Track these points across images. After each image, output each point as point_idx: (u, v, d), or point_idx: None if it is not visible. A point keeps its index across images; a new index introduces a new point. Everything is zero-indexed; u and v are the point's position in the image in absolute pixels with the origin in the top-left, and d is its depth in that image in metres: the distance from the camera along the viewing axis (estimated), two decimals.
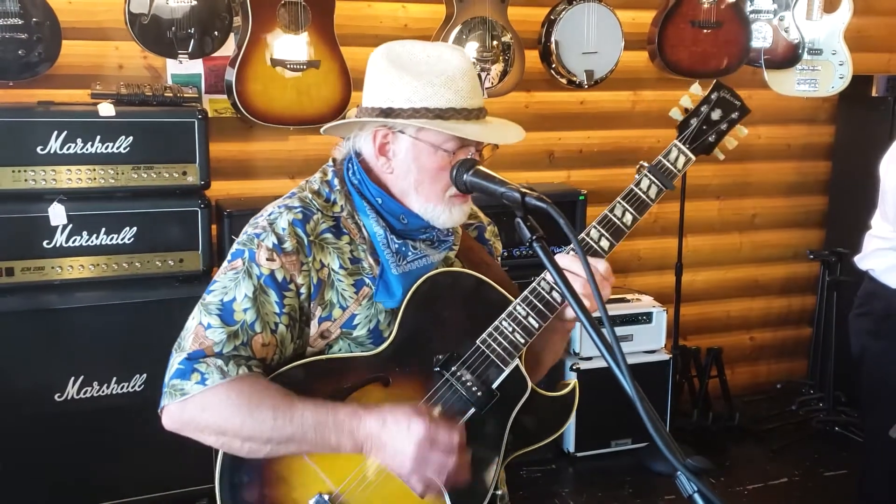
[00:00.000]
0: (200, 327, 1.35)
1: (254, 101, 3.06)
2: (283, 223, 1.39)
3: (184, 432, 1.36)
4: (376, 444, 1.32)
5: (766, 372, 4.43)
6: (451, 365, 1.40)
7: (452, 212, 1.43)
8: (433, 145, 1.39)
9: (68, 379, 2.93)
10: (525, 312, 1.41)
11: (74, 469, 2.93)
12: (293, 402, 1.32)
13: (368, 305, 1.41)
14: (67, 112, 2.89)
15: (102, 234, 2.95)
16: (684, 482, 1.02)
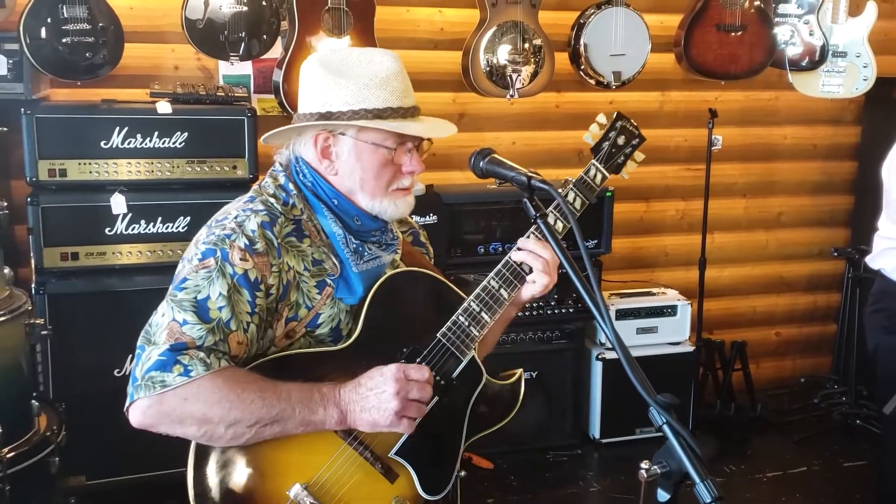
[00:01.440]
0: (175, 323, 1.35)
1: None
2: (252, 225, 1.42)
3: (157, 426, 1.35)
4: (359, 403, 1.38)
5: (791, 367, 4.52)
6: (414, 357, 1.49)
7: (398, 204, 1.53)
8: (374, 144, 1.47)
9: (126, 356, 3.16)
10: (478, 308, 1.54)
11: (129, 440, 3.06)
12: (277, 383, 1.37)
13: (332, 305, 1.48)
14: (128, 109, 3.14)
15: (159, 223, 3.18)
16: (655, 415, 1.17)
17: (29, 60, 3.00)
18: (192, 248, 1.47)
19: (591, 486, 3.57)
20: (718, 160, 3.89)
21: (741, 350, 4.04)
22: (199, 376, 1.31)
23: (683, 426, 1.17)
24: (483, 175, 1.55)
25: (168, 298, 1.40)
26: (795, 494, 3.53)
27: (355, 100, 1.45)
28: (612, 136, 1.73)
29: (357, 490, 1.42)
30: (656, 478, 1.18)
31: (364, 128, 1.47)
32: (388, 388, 1.39)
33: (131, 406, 1.35)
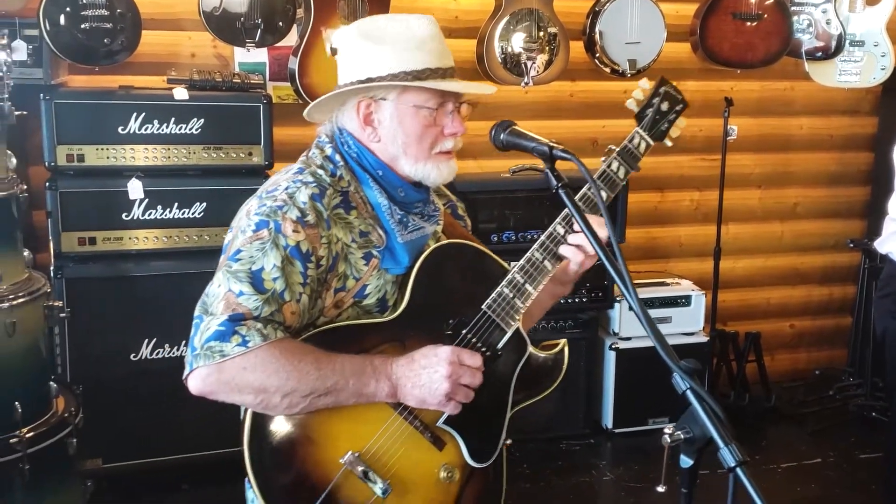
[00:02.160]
0: (231, 294, 1.37)
1: (315, 87, 3.29)
2: (303, 197, 1.44)
3: (216, 394, 1.37)
4: (411, 380, 1.42)
5: (805, 359, 4.51)
6: (460, 329, 1.51)
7: (441, 168, 1.54)
8: (415, 106, 1.49)
9: (142, 340, 3.19)
10: (522, 279, 1.55)
11: (145, 423, 3.18)
12: (331, 355, 1.40)
13: (378, 276, 1.50)
14: (145, 95, 3.16)
15: (175, 209, 3.20)
16: (678, 380, 1.17)
17: (48, 46, 3.03)
18: (242, 218, 1.48)
19: (604, 476, 3.57)
20: (734, 150, 3.88)
21: (755, 341, 4.03)
22: (256, 346, 1.33)
23: (707, 391, 1.16)
24: (504, 147, 1.55)
25: (223, 269, 1.42)
26: (811, 485, 3.51)
27: (394, 63, 1.47)
28: (655, 102, 1.70)
29: (406, 458, 1.46)
30: (679, 443, 1.18)
31: (404, 90, 1.49)
32: (441, 369, 1.42)
33: (191, 374, 1.37)
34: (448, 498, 1.50)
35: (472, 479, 1.51)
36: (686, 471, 1.21)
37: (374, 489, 1.41)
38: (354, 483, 1.41)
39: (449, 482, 1.49)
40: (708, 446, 1.16)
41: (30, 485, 2.55)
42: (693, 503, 1.24)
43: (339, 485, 1.40)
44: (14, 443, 2.50)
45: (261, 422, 1.39)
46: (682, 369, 1.17)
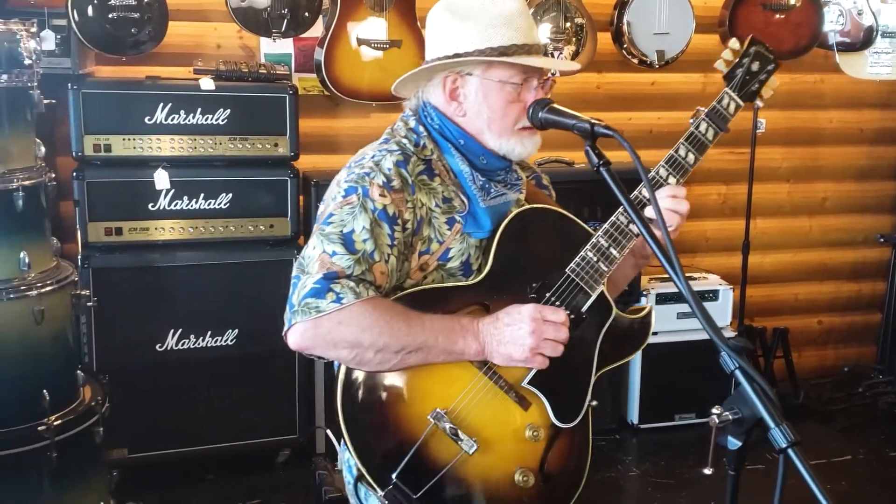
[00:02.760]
0: (325, 255, 1.44)
1: (341, 78, 3.28)
2: (388, 164, 1.52)
3: (313, 349, 1.44)
4: (497, 337, 1.46)
5: (833, 356, 4.44)
6: (544, 292, 1.54)
7: (524, 143, 1.57)
8: (501, 81, 1.53)
9: (168, 331, 3.20)
10: (607, 243, 1.56)
11: (170, 414, 3.19)
12: (421, 314, 1.46)
13: (461, 240, 1.56)
14: (172, 86, 3.17)
15: (201, 199, 3.20)
16: (727, 360, 1.15)
17: (76, 36, 3.04)
18: (333, 188, 1.55)
19: (630, 471, 3.54)
20: (762, 144, 3.83)
21: (783, 337, 3.98)
22: (350, 303, 1.40)
23: (756, 370, 1.13)
24: (542, 126, 1.54)
25: (317, 233, 1.48)
26: (841, 482, 3.46)
27: (481, 39, 1.51)
28: (745, 62, 1.67)
29: (492, 417, 1.49)
30: (727, 424, 1.15)
31: (490, 66, 1.53)
32: (525, 325, 1.46)
33: (290, 330, 1.44)
34: (534, 456, 1.52)
35: (558, 439, 1.54)
36: (734, 453, 1.18)
37: (462, 445, 1.45)
38: (442, 440, 1.45)
39: (535, 441, 1.52)
40: (757, 427, 1.13)
41: (56, 473, 2.55)
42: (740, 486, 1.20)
43: (427, 441, 1.44)
44: (42, 430, 2.50)
45: (352, 381, 1.45)
46: (731, 348, 1.15)
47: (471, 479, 1.47)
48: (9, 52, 2.50)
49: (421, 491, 1.43)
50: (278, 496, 3.26)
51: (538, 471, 1.51)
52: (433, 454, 1.45)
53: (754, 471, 3.56)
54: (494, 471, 1.49)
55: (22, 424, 2.50)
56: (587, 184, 3.71)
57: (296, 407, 3.37)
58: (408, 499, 1.41)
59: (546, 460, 1.53)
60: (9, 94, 2.51)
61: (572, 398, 1.56)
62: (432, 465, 1.44)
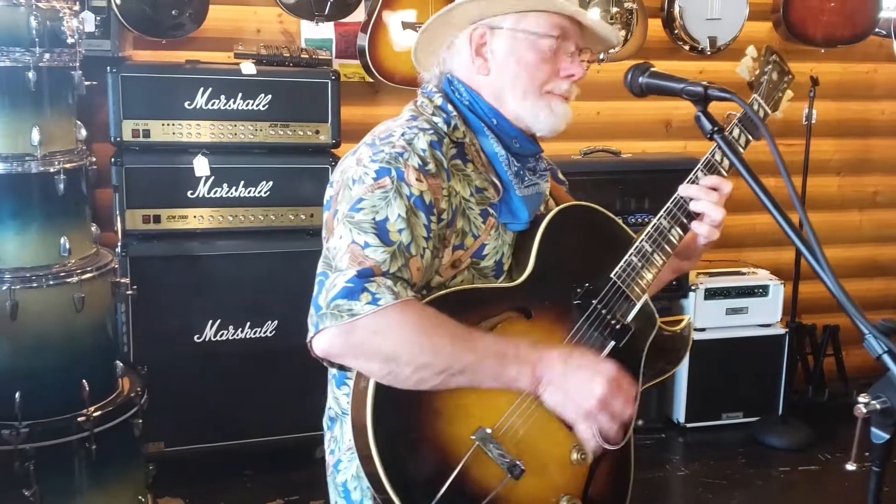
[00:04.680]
0: (356, 246, 1.24)
1: (384, 64, 3.20)
2: (422, 144, 1.33)
3: (341, 358, 1.24)
4: (557, 380, 1.27)
5: None
6: (589, 298, 1.41)
7: (553, 107, 1.41)
8: (535, 34, 1.38)
9: (207, 321, 3.12)
10: (651, 249, 1.45)
11: (207, 407, 3.11)
12: (471, 331, 1.26)
13: (496, 236, 1.41)
14: (213, 70, 3.09)
15: (241, 187, 3.13)
16: (873, 343, 1.05)
17: (117, 17, 2.97)
18: (352, 167, 1.35)
19: (679, 471, 3.43)
20: (812, 135, 3.71)
21: (833, 335, 3.86)
22: (387, 305, 1.20)
23: None
24: (642, 92, 1.42)
25: (344, 220, 1.28)
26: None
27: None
28: (767, 70, 1.61)
29: (537, 436, 1.33)
30: (873, 414, 1.04)
31: (524, 16, 1.38)
32: (598, 387, 1.27)
33: (316, 336, 1.23)
34: (578, 480, 1.38)
35: (603, 460, 1.39)
36: (880, 446, 1.07)
37: (508, 470, 1.27)
38: (485, 463, 1.27)
39: (581, 464, 1.37)
40: None
41: (95, 466, 2.49)
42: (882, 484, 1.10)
43: (470, 464, 1.26)
44: (82, 421, 2.43)
45: (385, 395, 1.25)
46: (879, 330, 1.04)
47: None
48: (52, 30, 2.43)
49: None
50: (316, 492, 3.17)
51: (582, 497, 1.37)
52: (475, 479, 1.26)
53: (807, 472, 3.50)
54: (538, 498, 1.33)
55: (61, 415, 2.43)
56: (634, 174, 3.66)
57: None
58: None
59: (590, 486, 1.39)
60: (51, 73, 2.45)
61: None
62: (474, 491, 1.26)
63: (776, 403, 3.63)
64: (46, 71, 2.43)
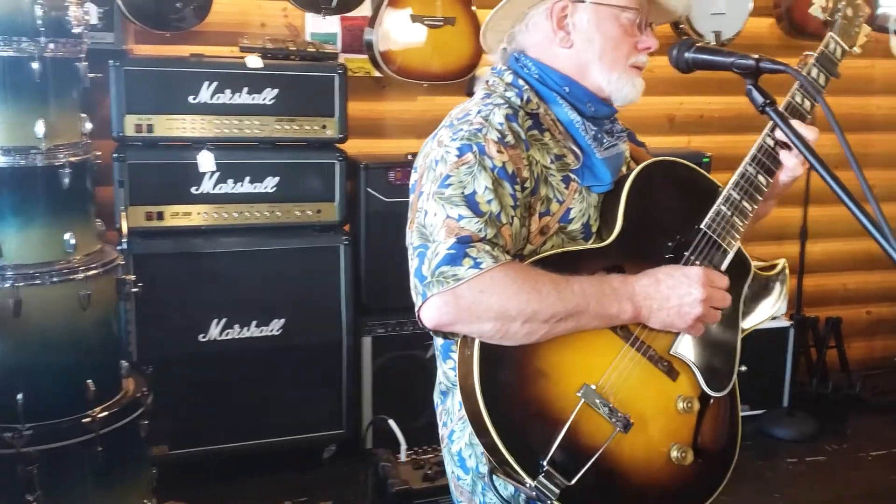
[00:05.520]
0: (450, 220, 1.29)
1: (393, 57, 3.16)
2: (498, 118, 1.38)
3: (453, 324, 1.27)
4: (658, 301, 1.33)
5: (882, 347, 4.35)
6: (681, 251, 1.42)
7: (635, 83, 1.46)
8: (619, 7, 1.42)
9: (212, 320, 3.06)
10: (739, 196, 1.45)
11: (212, 408, 3.05)
12: (567, 277, 1.30)
13: (580, 199, 1.44)
14: (218, 63, 3.04)
15: (247, 183, 3.07)
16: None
17: (120, 9, 2.91)
18: (434, 149, 1.39)
19: None
20: None
21: (836, 327, 3.88)
22: (490, 268, 1.24)
23: None
24: (689, 68, 1.42)
25: (434, 198, 1.33)
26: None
27: None
28: (842, 7, 1.59)
29: (641, 390, 1.36)
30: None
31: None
32: (695, 292, 1.34)
33: (424, 305, 1.27)
34: (687, 429, 1.39)
35: (709, 409, 1.41)
36: None
37: (616, 423, 1.31)
38: (592, 418, 1.31)
39: (687, 413, 1.38)
40: None
41: (101, 468, 2.41)
42: None
43: (577, 421, 1.29)
44: (87, 423, 2.36)
45: (490, 359, 1.29)
46: None
47: (625, 461, 1.33)
48: (56, 20, 2.36)
49: (575, 477, 1.27)
50: (324, 493, 3.12)
51: (693, 445, 1.38)
52: (584, 435, 1.30)
53: (814, 462, 3.51)
54: (649, 449, 1.35)
55: (66, 416, 2.36)
56: None
57: (342, 400, 3.23)
58: (560, 486, 1.26)
59: (700, 434, 1.39)
60: (55, 64, 2.37)
61: (722, 364, 1.43)
62: (584, 447, 1.29)
63: (782, 396, 3.64)
64: (51, 61, 2.35)
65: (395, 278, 3.26)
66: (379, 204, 3.21)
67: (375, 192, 3.20)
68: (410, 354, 3.29)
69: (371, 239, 3.24)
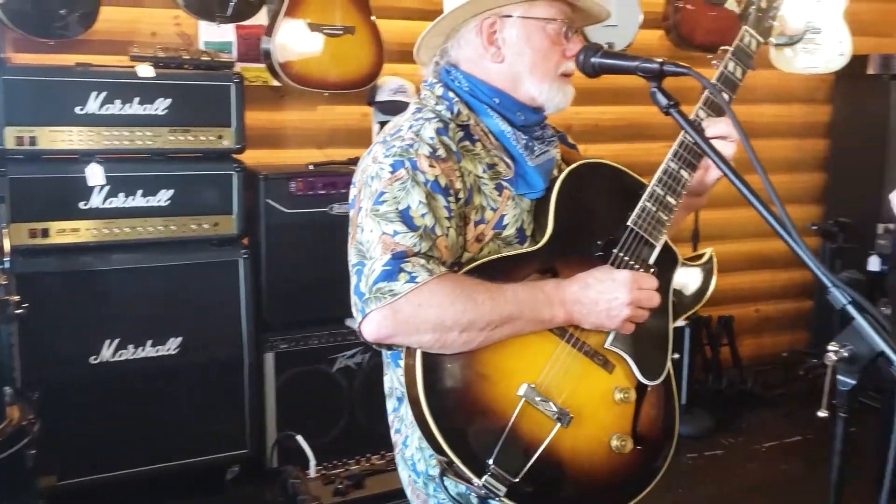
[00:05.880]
0: (386, 236, 1.34)
1: (292, 66, 3.11)
2: (429, 132, 1.42)
3: (393, 337, 1.32)
4: (588, 306, 1.38)
5: (770, 344, 4.56)
6: (610, 248, 1.47)
7: (566, 91, 1.51)
8: (544, 19, 1.47)
9: (103, 342, 2.92)
10: (663, 192, 1.50)
11: (105, 434, 2.90)
12: (501, 285, 1.35)
13: (514, 206, 1.48)
14: (106, 73, 2.90)
15: (139, 196, 2.95)
16: (837, 296, 1.08)
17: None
18: (370, 166, 1.43)
19: None
20: None
21: (728, 325, 4.05)
22: (425, 281, 1.30)
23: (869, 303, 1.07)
24: (596, 73, 1.45)
25: (370, 215, 1.38)
26: (795, 462, 3.55)
27: None
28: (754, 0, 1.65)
29: (579, 384, 1.41)
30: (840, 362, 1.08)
31: (532, 5, 1.47)
32: (622, 296, 1.39)
33: (364, 320, 1.32)
34: (626, 419, 1.45)
35: (647, 398, 1.48)
36: (847, 393, 1.11)
37: (555, 418, 1.37)
38: (534, 415, 1.36)
39: (625, 403, 1.45)
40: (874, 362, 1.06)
41: None
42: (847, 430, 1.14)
43: (520, 419, 1.35)
44: None
45: (432, 367, 1.34)
46: (843, 281, 1.09)
47: (568, 454, 1.38)
48: None
49: (521, 474, 1.32)
50: None
51: (632, 434, 1.44)
52: (527, 433, 1.35)
53: (712, 456, 3.64)
54: (590, 441, 1.41)
55: None
56: None
57: (245, 419, 3.14)
58: (506, 483, 1.31)
59: (638, 422, 1.46)
60: None
61: (654, 354, 1.50)
62: (527, 444, 1.35)
63: (680, 393, 3.76)
64: None
65: (297, 292, 3.28)
66: (280, 216, 3.14)
67: (276, 204, 3.13)
68: (315, 369, 3.23)
69: (272, 252, 3.16)
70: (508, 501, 1.32)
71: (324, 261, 3.24)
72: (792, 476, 3.43)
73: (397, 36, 3.44)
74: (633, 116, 4.01)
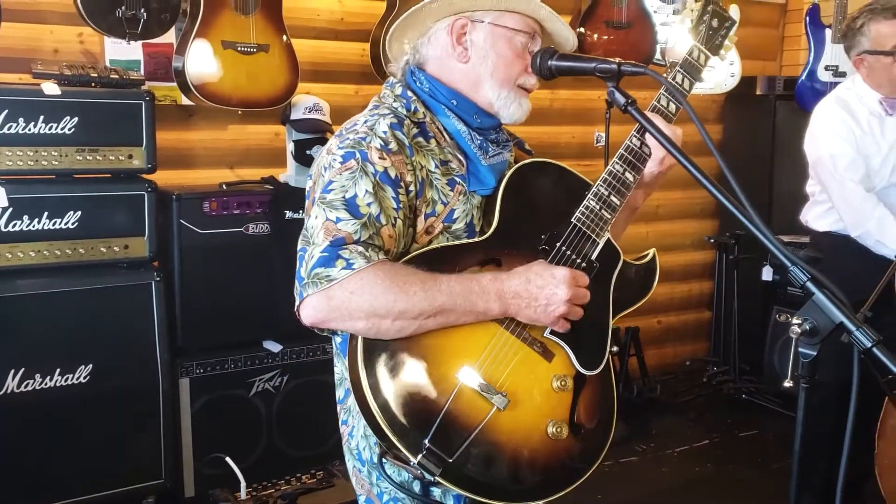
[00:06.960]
0: (329, 222, 1.39)
1: (205, 84, 3.06)
2: (382, 127, 1.48)
3: (328, 322, 1.37)
4: (526, 299, 1.42)
5: (672, 353, 4.77)
6: (553, 243, 1.53)
7: (521, 103, 1.59)
8: (513, 30, 1.55)
9: (8, 372, 2.77)
10: (607, 192, 1.58)
11: (15, 467, 2.75)
12: (437, 276, 1.39)
13: (464, 201, 1.54)
14: (9, 90, 2.77)
15: (45, 219, 2.83)
16: (798, 273, 1.16)
17: None
18: (324, 157, 1.50)
19: None
20: (601, 157, 4.06)
21: (635, 336, 4.20)
22: (361, 268, 1.34)
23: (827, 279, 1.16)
24: (552, 75, 1.53)
25: (318, 202, 1.43)
26: (706, 464, 3.70)
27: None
28: (706, 18, 1.74)
29: (518, 370, 1.45)
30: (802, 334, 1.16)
31: (503, 14, 1.55)
32: (560, 292, 1.43)
33: (301, 304, 1.38)
34: (563, 407, 1.48)
35: (584, 388, 1.51)
36: (808, 363, 1.19)
37: (492, 402, 1.40)
38: (471, 398, 1.40)
39: (562, 391, 1.48)
40: (834, 334, 1.15)
41: None
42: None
43: (456, 401, 1.39)
44: None
45: (373, 349, 1.39)
46: (802, 259, 1.17)
47: (504, 437, 1.41)
48: None
49: (455, 454, 1.35)
50: None
51: (569, 422, 1.47)
52: (463, 415, 1.39)
53: (627, 463, 3.76)
54: (526, 425, 1.44)
55: None
56: None
57: (161, 447, 3.02)
58: (442, 463, 1.33)
59: (575, 411, 1.49)
60: None
61: (594, 345, 1.55)
62: (463, 426, 1.38)
63: None
64: None
65: (213, 315, 3.20)
66: (194, 237, 3.06)
67: (189, 225, 3.05)
68: (232, 394, 3.16)
69: (186, 274, 3.07)
70: (444, 482, 1.35)
71: (239, 282, 3.20)
72: (704, 476, 3.59)
73: (311, 55, 3.44)
74: (538, 136, 4.14)
